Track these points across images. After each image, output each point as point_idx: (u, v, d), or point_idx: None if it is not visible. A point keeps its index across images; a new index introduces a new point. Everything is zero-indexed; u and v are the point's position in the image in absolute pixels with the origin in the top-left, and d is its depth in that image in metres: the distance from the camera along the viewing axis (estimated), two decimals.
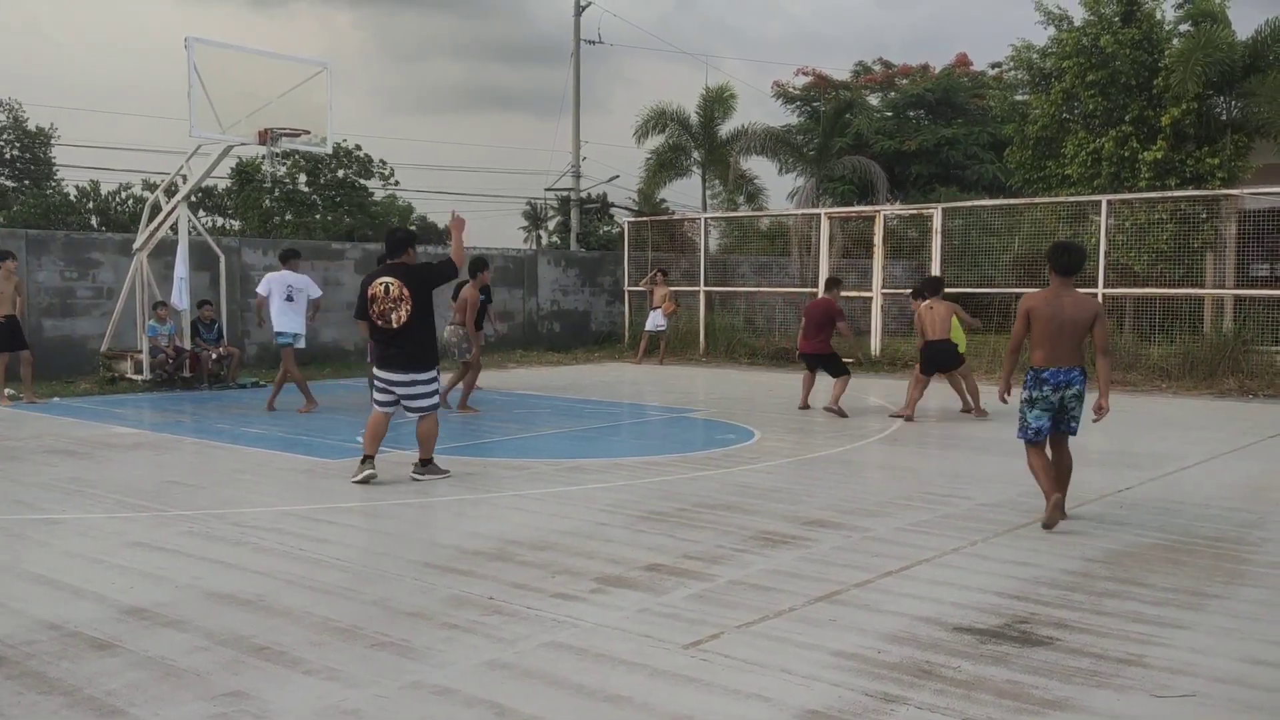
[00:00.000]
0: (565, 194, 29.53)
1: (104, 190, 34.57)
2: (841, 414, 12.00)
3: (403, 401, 8.05)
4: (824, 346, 12.63)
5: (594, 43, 29.68)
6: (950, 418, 12.02)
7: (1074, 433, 6.77)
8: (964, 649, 4.41)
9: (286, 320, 12.32)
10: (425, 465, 8.12)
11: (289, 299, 12.36)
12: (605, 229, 32.55)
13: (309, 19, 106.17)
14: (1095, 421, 6.77)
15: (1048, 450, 6.78)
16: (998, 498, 7.51)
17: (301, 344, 12.50)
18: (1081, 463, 9.05)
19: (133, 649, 4.38)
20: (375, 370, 8.20)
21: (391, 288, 7.85)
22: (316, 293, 12.80)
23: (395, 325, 7.85)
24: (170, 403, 13.14)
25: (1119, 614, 4.90)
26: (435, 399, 8.16)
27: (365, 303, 8.01)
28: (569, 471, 8.68)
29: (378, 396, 8.16)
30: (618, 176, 39.12)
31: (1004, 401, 7.35)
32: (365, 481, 7.88)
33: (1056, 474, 6.71)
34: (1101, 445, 10.24)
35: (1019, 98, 24.18)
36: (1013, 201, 19.97)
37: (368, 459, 7.99)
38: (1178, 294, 16.85)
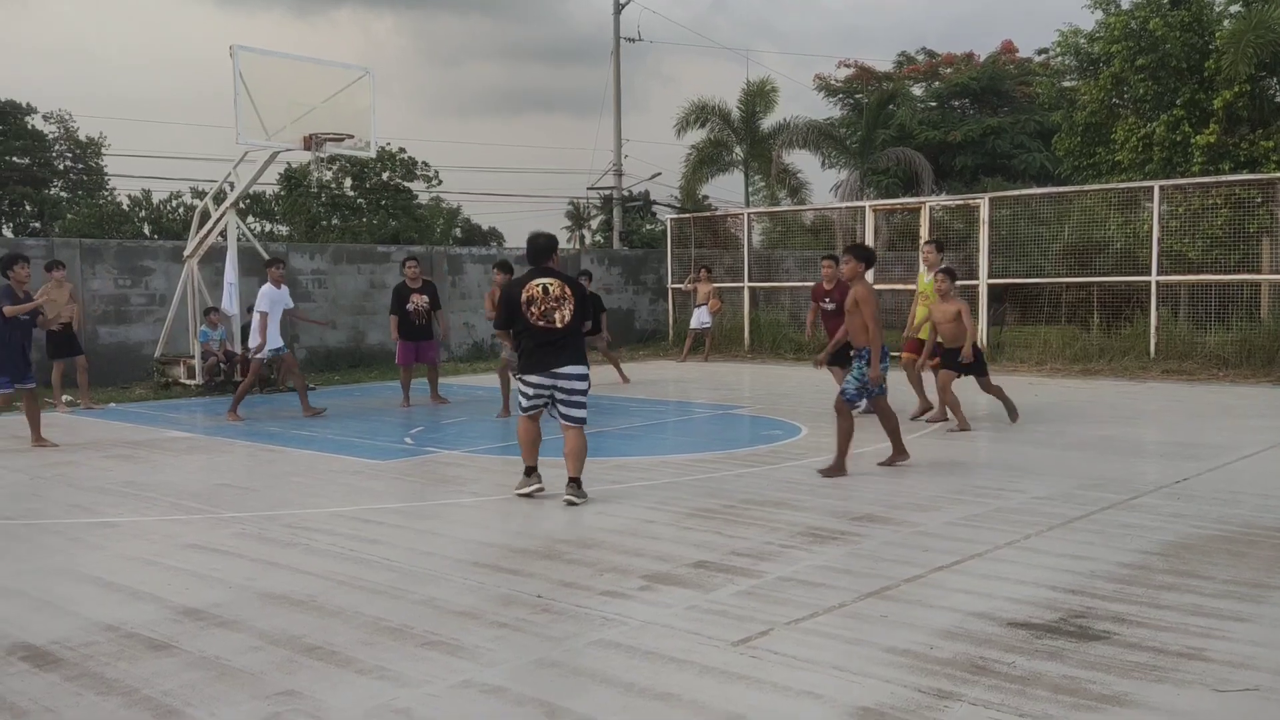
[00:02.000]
0: (607, 192, 29.55)
1: (155, 199, 35.19)
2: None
3: (562, 408, 7.45)
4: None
5: (634, 40, 29.69)
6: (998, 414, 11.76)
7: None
8: (1018, 644, 4.34)
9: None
10: (579, 484, 7.39)
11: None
12: (648, 227, 32.54)
13: (350, 25, 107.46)
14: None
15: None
16: (1051, 491, 7.39)
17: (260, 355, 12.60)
18: (1138, 453, 8.94)
19: (188, 649, 4.44)
20: (527, 375, 7.50)
21: (552, 288, 7.41)
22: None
23: (560, 324, 7.40)
24: (222, 406, 13.30)
25: (1178, 607, 4.79)
26: (586, 410, 7.58)
27: (514, 309, 7.44)
28: (615, 469, 8.68)
29: (525, 402, 7.53)
30: (660, 174, 39.01)
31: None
32: (531, 495, 7.47)
33: (889, 428, 8.44)
34: (1158, 436, 10.06)
35: (1067, 84, 23.78)
36: (1062, 190, 19.64)
37: (531, 470, 7.54)
38: (1234, 280, 16.47)
